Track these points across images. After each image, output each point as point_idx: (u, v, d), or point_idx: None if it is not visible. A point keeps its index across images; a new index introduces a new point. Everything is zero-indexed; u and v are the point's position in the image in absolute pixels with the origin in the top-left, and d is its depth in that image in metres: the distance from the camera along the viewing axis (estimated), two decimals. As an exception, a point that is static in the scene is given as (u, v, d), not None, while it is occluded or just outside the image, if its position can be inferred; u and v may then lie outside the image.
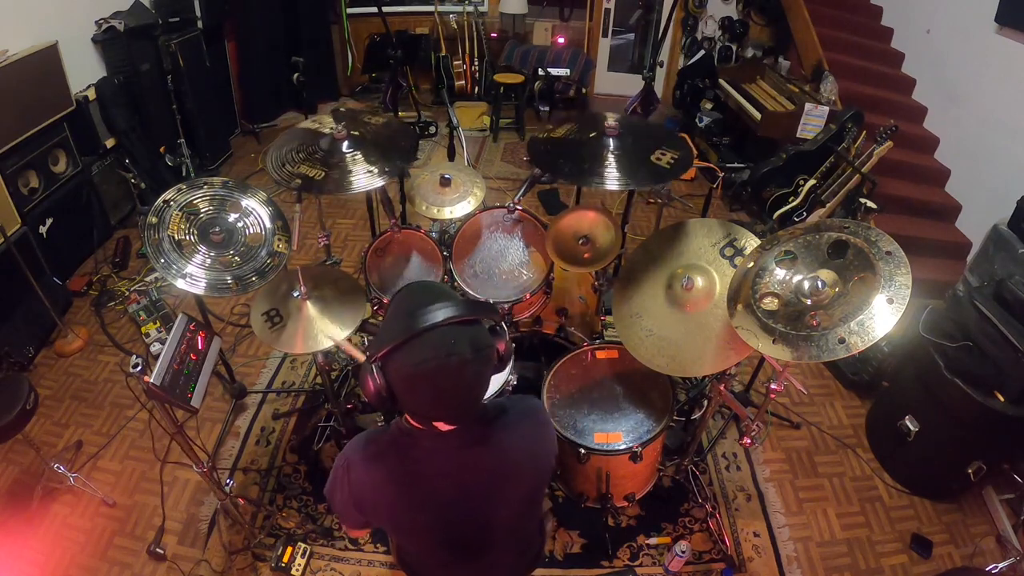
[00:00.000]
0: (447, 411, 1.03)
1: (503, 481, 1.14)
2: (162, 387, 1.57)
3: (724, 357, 1.73)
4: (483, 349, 0.98)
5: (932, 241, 3.65)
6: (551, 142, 2.03)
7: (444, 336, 0.94)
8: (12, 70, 2.87)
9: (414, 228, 2.28)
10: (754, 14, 5.23)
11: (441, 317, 0.94)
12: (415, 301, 0.99)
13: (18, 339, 2.84)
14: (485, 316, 1.02)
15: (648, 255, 1.98)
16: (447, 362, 0.93)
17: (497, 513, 1.18)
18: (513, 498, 1.17)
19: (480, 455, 1.11)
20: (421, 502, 1.12)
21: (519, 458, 1.14)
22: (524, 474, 1.15)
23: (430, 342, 0.94)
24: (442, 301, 0.96)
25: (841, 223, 1.60)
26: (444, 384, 0.95)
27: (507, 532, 1.25)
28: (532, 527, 1.39)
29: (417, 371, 0.94)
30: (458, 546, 1.23)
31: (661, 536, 2.24)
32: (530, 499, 1.23)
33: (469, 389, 0.99)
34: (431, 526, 1.17)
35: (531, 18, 5.61)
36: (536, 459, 1.17)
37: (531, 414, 1.21)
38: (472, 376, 0.97)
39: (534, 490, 1.21)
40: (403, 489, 1.11)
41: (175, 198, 1.95)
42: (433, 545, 1.23)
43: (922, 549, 2.25)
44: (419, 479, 1.10)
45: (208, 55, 4.32)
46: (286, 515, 2.25)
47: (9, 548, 2.14)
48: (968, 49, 3.67)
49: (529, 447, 1.16)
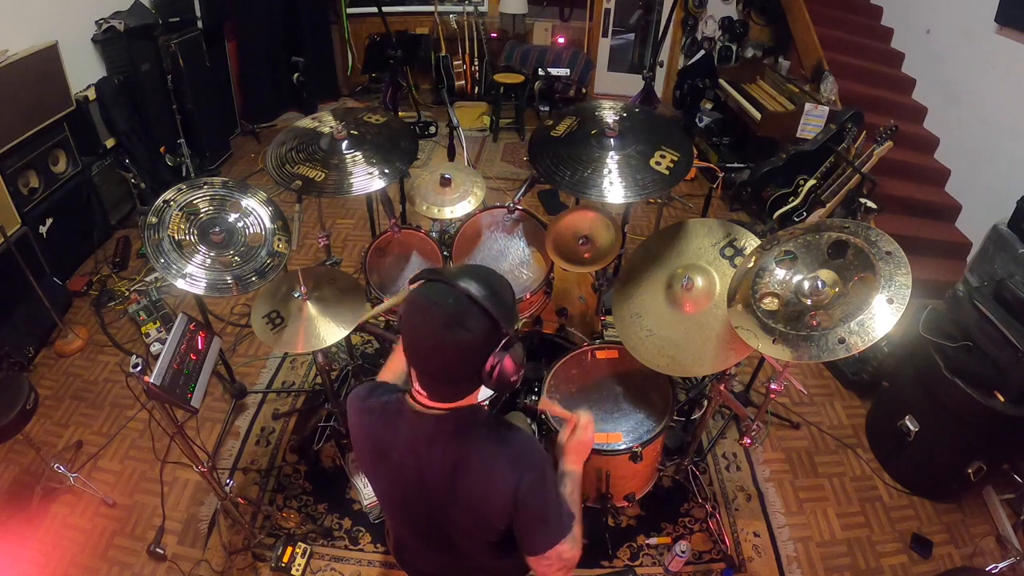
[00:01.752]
0: (411, 355, 1.08)
1: (456, 487, 1.10)
2: (162, 387, 1.57)
3: (724, 357, 1.73)
4: (463, 327, 1.00)
5: (932, 241, 3.65)
6: (551, 142, 2.02)
7: (447, 292, 1.02)
8: (12, 70, 2.88)
9: (414, 228, 2.28)
10: (754, 14, 5.23)
11: (462, 284, 1.01)
12: (471, 270, 1.10)
13: (18, 339, 2.84)
14: (497, 317, 1.01)
15: (648, 255, 1.98)
16: (429, 307, 1.02)
17: (452, 515, 1.15)
18: (465, 511, 1.13)
19: (446, 450, 1.09)
20: (388, 470, 1.17)
21: (476, 476, 1.08)
22: (476, 495, 1.09)
23: (436, 290, 1.03)
24: (478, 282, 1.03)
25: (841, 223, 1.60)
26: (416, 322, 1.04)
27: (470, 541, 1.20)
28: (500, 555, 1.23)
29: (411, 301, 1.06)
30: (429, 536, 1.25)
31: (661, 536, 2.24)
32: (481, 526, 1.13)
33: (433, 347, 1.02)
34: (395, 500, 1.23)
35: (531, 18, 5.61)
36: (494, 488, 1.07)
37: (524, 451, 1.11)
38: (437, 333, 1.01)
39: (485, 519, 1.11)
40: (376, 450, 1.17)
41: (175, 198, 1.95)
42: (409, 527, 1.28)
43: (922, 549, 2.25)
44: (390, 447, 1.14)
45: (208, 55, 4.32)
46: (286, 515, 2.25)
47: (9, 548, 2.14)
48: (968, 49, 3.67)
49: (497, 473, 1.07)
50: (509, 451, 1.10)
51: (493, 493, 1.08)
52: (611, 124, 1.91)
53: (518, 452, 1.10)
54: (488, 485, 1.08)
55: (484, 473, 1.08)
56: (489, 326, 1.02)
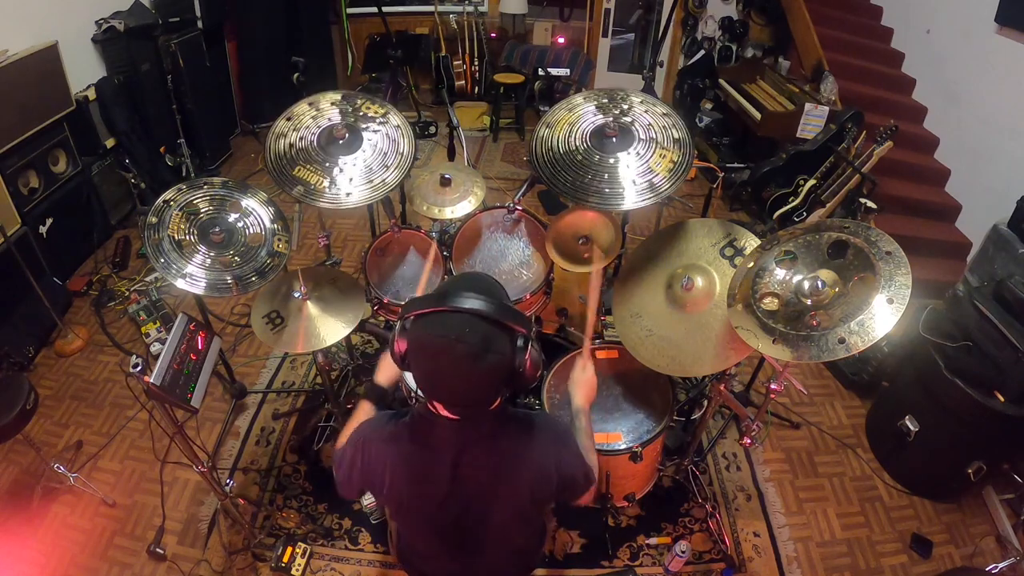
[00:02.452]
0: (440, 393, 1.06)
1: (498, 485, 1.14)
2: (162, 387, 1.57)
3: (724, 357, 1.73)
4: (492, 351, 0.99)
5: (932, 241, 3.65)
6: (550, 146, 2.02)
7: (463, 322, 0.98)
8: (12, 70, 2.88)
9: (414, 228, 2.28)
10: (754, 14, 5.22)
11: (468, 305, 0.98)
12: (462, 284, 1.08)
13: (18, 339, 2.84)
14: (514, 324, 1.02)
15: (648, 255, 1.98)
16: (452, 345, 0.97)
17: (490, 515, 1.18)
18: (506, 506, 1.17)
19: (483, 453, 1.12)
20: (425, 488, 1.15)
21: (520, 468, 1.13)
22: (520, 486, 1.14)
23: (448, 321, 0.99)
24: (481, 295, 1.00)
25: (841, 223, 1.60)
26: (443, 364, 0.99)
27: (498, 538, 1.24)
28: (524, 544, 1.35)
29: (426, 342, 1.01)
30: (452, 540, 1.25)
31: (661, 536, 2.24)
32: (522, 514, 1.21)
33: (465, 380, 1.00)
34: (430, 514, 1.20)
35: (531, 18, 5.61)
36: (538, 474, 1.15)
37: (550, 431, 1.20)
38: (469, 368, 0.99)
39: (528, 505, 1.17)
40: (413, 472, 1.14)
41: (175, 198, 1.95)
42: (429, 534, 1.27)
43: (922, 549, 2.25)
44: (428, 464, 1.13)
45: (208, 55, 4.32)
46: (286, 515, 2.25)
47: (9, 548, 2.14)
48: (968, 49, 3.67)
49: (537, 461, 1.15)
50: (542, 437, 1.17)
51: (539, 477, 1.14)
52: (611, 124, 1.91)
53: (546, 433, 1.18)
54: (534, 472, 1.14)
55: (527, 463, 1.14)
56: (511, 337, 1.02)
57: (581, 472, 1.20)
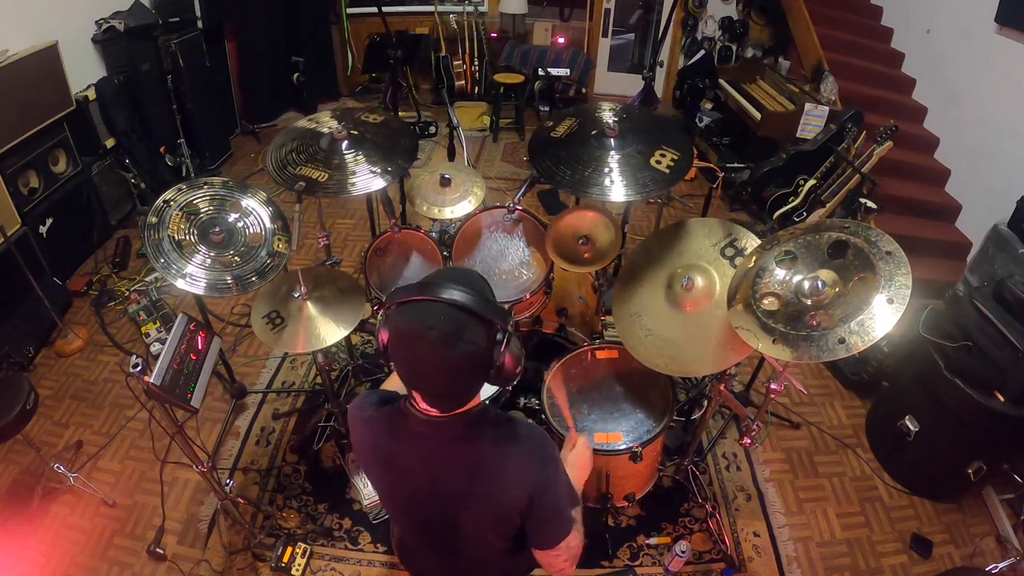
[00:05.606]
0: (417, 382, 1.05)
1: (473, 487, 1.11)
2: (162, 387, 1.57)
3: (724, 357, 1.73)
4: (464, 340, 0.98)
5: (932, 241, 3.65)
6: (551, 144, 2.02)
7: (439, 310, 0.98)
8: (12, 70, 2.88)
9: (414, 228, 2.28)
10: (754, 14, 5.23)
11: (447, 295, 0.98)
12: (444, 276, 1.07)
13: (18, 339, 2.84)
14: (492, 317, 1.01)
15: (648, 255, 1.98)
16: (426, 332, 0.97)
17: (464, 518, 1.15)
18: (479, 511, 1.13)
19: (458, 453, 1.10)
20: (394, 478, 1.17)
21: (496, 474, 1.09)
22: (495, 491, 1.10)
23: (424, 310, 0.99)
24: (461, 286, 1.00)
25: (841, 223, 1.60)
26: (417, 350, 0.99)
27: (478, 540, 1.20)
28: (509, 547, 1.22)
29: (403, 329, 1.00)
30: (432, 536, 1.25)
31: (661, 536, 2.24)
32: (498, 520, 1.14)
33: (439, 368, 1.00)
34: (407, 508, 1.22)
35: (531, 18, 5.61)
36: (513, 485, 1.09)
37: (535, 446, 1.12)
38: (442, 355, 0.98)
39: (503, 512, 1.12)
40: (384, 462, 1.16)
41: (175, 198, 1.95)
42: (412, 527, 1.28)
43: (922, 549, 2.25)
44: (399, 457, 1.13)
45: (208, 55, 4.32)
46: (286, 515, 2.25)
47: (9, 548, 2.14)
48: (968, 49, 3.67)
49: (514, 472, 1.09)
50: (522, 449, 1.11)
51: (510, 492, 1.09)
52: (611, 124, 1.91)
53: (531, 449, 1.12)
54: (505, 484, 1.09)
55: (501, 473, 1.09)
56: (487, 330, 1.01)
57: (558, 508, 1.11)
